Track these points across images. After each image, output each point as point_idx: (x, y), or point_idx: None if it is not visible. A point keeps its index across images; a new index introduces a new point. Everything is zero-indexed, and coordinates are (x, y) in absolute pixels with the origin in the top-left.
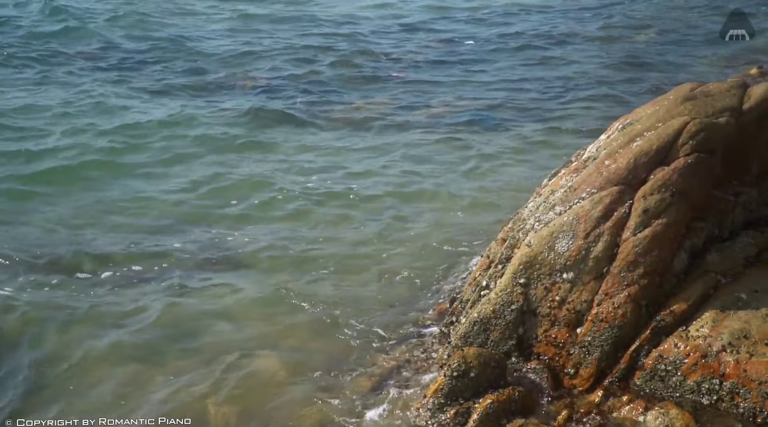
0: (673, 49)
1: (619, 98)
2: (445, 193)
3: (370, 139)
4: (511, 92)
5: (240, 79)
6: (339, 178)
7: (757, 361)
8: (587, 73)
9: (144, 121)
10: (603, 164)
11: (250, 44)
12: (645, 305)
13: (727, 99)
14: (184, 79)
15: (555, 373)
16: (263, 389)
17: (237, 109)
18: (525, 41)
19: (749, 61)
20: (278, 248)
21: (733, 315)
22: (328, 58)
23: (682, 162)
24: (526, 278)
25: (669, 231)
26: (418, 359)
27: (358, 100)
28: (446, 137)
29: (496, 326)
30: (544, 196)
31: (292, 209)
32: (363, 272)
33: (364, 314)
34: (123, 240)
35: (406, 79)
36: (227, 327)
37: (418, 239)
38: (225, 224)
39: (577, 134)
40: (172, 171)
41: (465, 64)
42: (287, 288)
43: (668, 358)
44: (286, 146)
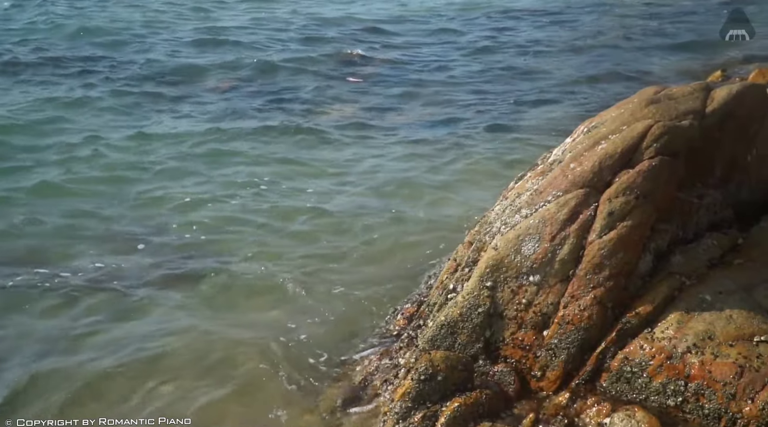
0: (637, 55)
1: (583, 102)
2: (409, 198)
3: (328, 149)
4: (473, 98)
5: (201, 86)
6: (298, 187)
7: (721, 362)
8: (551, 77)
9: (103, 131)
10: (568, 167)
11: (213, 50)
12: (611, 307)
13: (690, 102)
14: (144, 87)
15: (522, 376)
16: (226, 402)
17: (197, 117)
18: (487, 48)
19: (715, 66)
20: (243, 256)
21: (698, 317)
22: (287, 63)
23: (646, 165)
24: (492, 281)
25: (634, 233)
26: (386, 365)
27: (314, 106)
28: (407, 145)
29: (463, 330)
30: (511, 199)
31: (249, 221)
32: (329, 279)
33: (330, 322)
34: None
35: (363, 86)
36: (184, 342)
37: (384, 245)
38: (181, 239)
39: (542, 138)
40: (124, 185)
41: (426, 71)
42: (253, 293)
43: (634, 360)
44: (243, 156)
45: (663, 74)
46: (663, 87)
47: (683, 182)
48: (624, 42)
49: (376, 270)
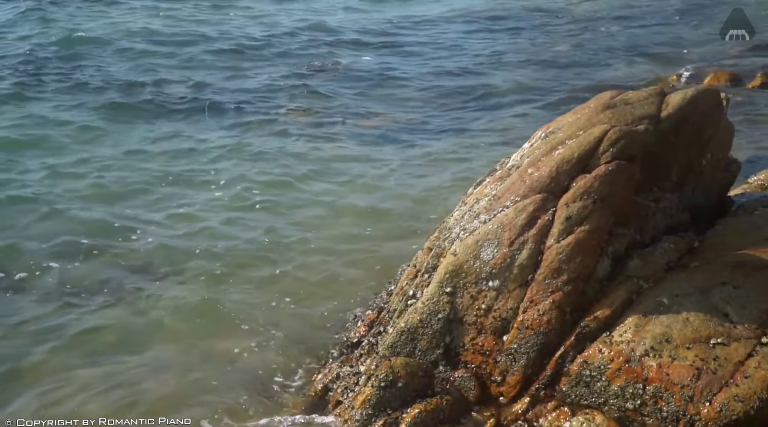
0: (594, 60)
1: (542, 108)
2: (369, 204)
3: (283, 153)
4: (430, 104)
5: (165, 91)
6: (254, 189)
7: (679, 364)
8: (508, 84)
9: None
10: (526, 172)
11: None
12: (569, 311)
13: (645, 107)
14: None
15: (482, 381)
16: (185, 414)
17: (154, 117)
18: (443, 53)
19: (670, 71)
20: (197, 265)
21: (655, 320)
22: (252, 68)
23: (603, 169)
24: (452, 286)
25: (592, 237)
26: (347, 372)
27: (269, 110)
28: (364, 148)
29: (424, 336)
30: (469, 204)
31: (207, 226)
32: (288, 287)
33: (290, 330)
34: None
35: (318, 90)
36: (144, 354)
37: (343, 252)
38: (125, 255)
39: (501, 143)
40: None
41: (382, 76)
42: (208, 307)
43: (593, 363)
44: (192, 155)
45: (620, 80)
46: (619, 92)
47: (640, 186)
48: (582, 48)
49: (335, 277)
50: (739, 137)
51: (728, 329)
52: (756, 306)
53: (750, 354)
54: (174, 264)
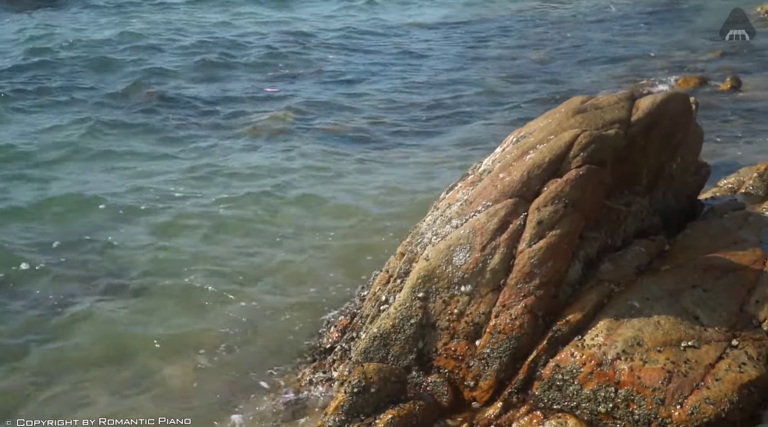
0: (566, 65)
1: (514, 112)
2: (339, 209)
3: (252, 160)
4: (402, 109)
5: (130, 93)
6: (225, 195)
7: (650, 368)
8: (482, 89)
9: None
10: (498, 177)
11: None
12: (541, 315)
13: (616, 111)
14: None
15: (455, 386)
16: (155, 417)
17: (126, 123)
18: (417, 59)
19: (641, 76)
20: (173, 272)
21: (627, 323)
22: (216, 71)
23: (573, 174)
24: (424, 291)
25: (563, 242)
26: (320, 378)
27: (238, 117)
28: (337, 154)
29: (396, 341)
30: (441, 209)
31: (180, 234)
32: (260, 292)
33: (262, 335)
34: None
35: (281, 95)
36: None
37: (316, 258)
38: (100, 254)
39: (473, 147)
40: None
41: (355, 82)
42: (181, 308)
43: (565, 367)
44: (163, 165)
45: (591, 84)
46: (589, 97)
47: (611, 190)
48: (554, 53)
49: (308, 284)
50: (709, 141)
51: (699, 332)
52: (726, 309)
53: (720, 357)
54: (147, 273)
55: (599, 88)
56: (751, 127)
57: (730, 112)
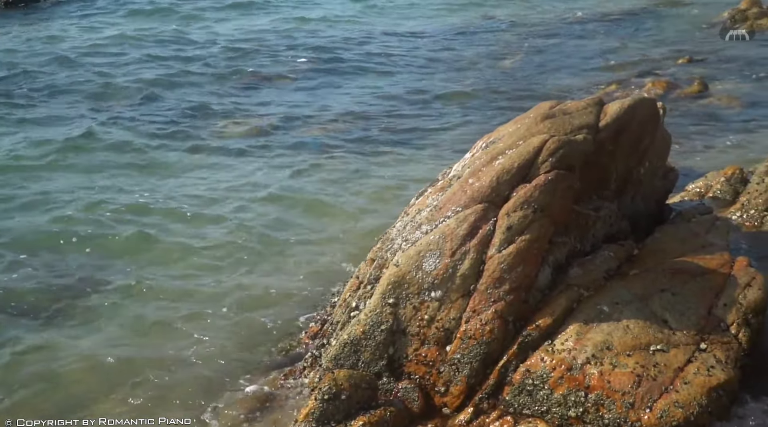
0: (537, 71)
1: (484, 117)
2: (312, 215)
3: (218, 166)
4: (373, 114)
5: (108, 101)
6: (191, 203)
7: (620, 372)
8: (452, 94)
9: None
10: (467, 183)
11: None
12: (512, 320)
13: (584, 116)
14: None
15: (426, 391)
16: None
17: (104, 132)
18: (389, 64)
19: (609, 81)
20: (144, 277)
21: (596, 327)
22: (183, 77)
23: (542, 179)
24: (395, 297)
25: (533, 247)
26: (290, 384)
27: (203, 124)
28: (305, 160)
29: (367, 347)
30: (411, 215)
31: (150, 241)
32: (231, 298)
33: (232, 341)
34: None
35: (252, 103)
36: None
37: (286, 264)
38: (67, 265)
39: (444, 153)
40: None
41: (325, 87)
42: (153, 316)
43: (535, 372)
44: (136, 174)
45: (561, 90)
46: (558, 102)
47: (580, 195)
48: (525, 59)
49: (279, 290)
50: (677, 146)
51: (667, 336)
52: (694, 312)
53: (689, 360)
54: (114, 278)
55: (568, 94)
56: (718, 131)
57: (697, 117)
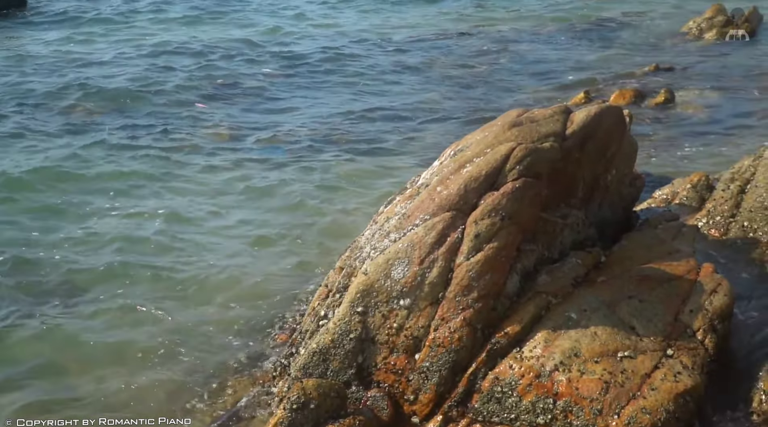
0: (505, 80)
1: (453, 125)
2: (281, 223)
3: (192, 172)
4: (340, 121)
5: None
6: (162, 209)
7: (587, 378)
8: (420, 102)
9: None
10: (435, 191)
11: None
12: (480, 328)
13: (551, 124)
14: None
15: (395, 400)
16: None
17: (69, 141)
18: (356, 71)
19: (577, 89)
20: (104, 287)
21: (564, 334)
22: (144, 87)
23: (510, 187)
24: (363, 306)
25: (501, 254)
26: (258, 393)
27: (176, 130)
28: (273, 166)
29: (336, 356)
30: (380, 223)
31: (116, 248)
32: (197, 306)
33: (198, 349)
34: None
35: (218, 110)
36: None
37: (251, 271)
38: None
39: (412, 161)
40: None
41: (293, 92)
42: (119, 318)
43: (504, 379)
44: (100, 182)
45: (529, 98)
46: (525, 110)
47: (547, 203)
48: (493, 68)
49: (248, 298)
50: (643, 153)
51: (635, 342)
52: (661, 319)
53: (656, 366)
54: (79, 286)
55: (536, 102)
56: (685, 138)
57: (664, 124)
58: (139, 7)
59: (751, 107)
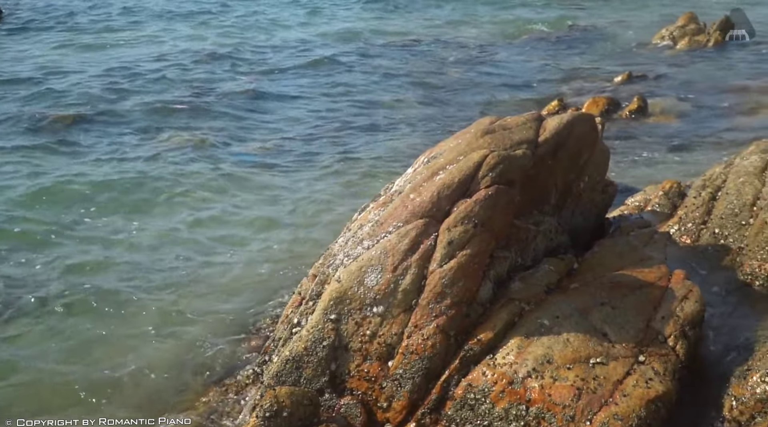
0: (479, 87)
1: (426, 133)
2: (256, 228)
3: (163, 179)
4: (313, 129)
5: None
6: (133, 218)
7: (560, 385)
8: (395, 109)
9: None
10: (408, 198)
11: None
12: (453, 335)
13: (523, 132)
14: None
15: (369, 407)
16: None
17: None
18: (328, 78)
19: (551, 97)
20: (79, 290)
21: (537, 341)
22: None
23: (482, 194)
24: (336, 313)
25: (474, 261)
26: (231, 401)
27: (150, 137)
28: (249, 174)
29: (309, 364)
30: (353, 230)
31: (96, 250)
32: (171, 313)
33: (172, 356)
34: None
35: (190, 115)
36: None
37: (225, 278)
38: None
39: (386, 168)
40: None
41: (266, 100)
42: (87, 334)
43: (477, 386)
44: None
45: (503, 105)
46: (498, 117)
47: (520, 210)
48: (467, 76)
49: (218, 305)
50: (616, 160)
51: (607, 349)
52: (633, 326)
53: (628, 373)
54: (50, 295)
55: (510, 110)
56: (657, 146)
57: (636, 132)
58: (113, 15)
59: (721, 115)
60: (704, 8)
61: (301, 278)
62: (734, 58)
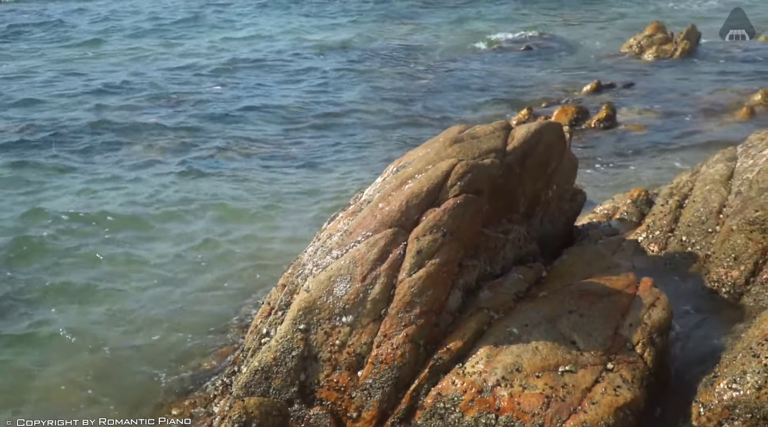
0: (449, 96)
1: (396, 142)
2: (223, 234)
3: (139, 186)
4: (282, 137)
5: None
6: (106, 225)
7: (529, 393)
8: (364, 118)
9: None
10: (377, 207)
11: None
12: (423, 344)
13: (492, 141)
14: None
15: (338, 417)
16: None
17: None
18: (299, 85)
19: (520, 106)
20: (52, 298)
21: (506, 349)
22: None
23: (451, 203)
24: (306, 323)
25: (442, 270)
26: (200, 413)
27: (123, 143)
28: (217, 181)
29: (278, 374)
30: (322, 240)
31: (54, 263)
32: (140, 323)
33: (140, 367)
34: None
35: (161, 123)
36: None
37: (193, 287)
38: None
39: (355, 177)
40: None
41: (238, 107)
42: (61, 334)
43: (447, 395)
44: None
45: (472, 114)
46: (467, 126)
47: (489, 219)
48: (438, 85)
49: (187, 314)
50: (584, 168)
51: (575, 357)
52: (601, 333)
53: (596, 380)
54: (18, 303)
55: (478, 119)
56: (625, 154)
57: (605, 141)
58: (82, 24)
59: (688, 123)
60: (670, 16)
61: (270, 287)
62: (701, 67)
